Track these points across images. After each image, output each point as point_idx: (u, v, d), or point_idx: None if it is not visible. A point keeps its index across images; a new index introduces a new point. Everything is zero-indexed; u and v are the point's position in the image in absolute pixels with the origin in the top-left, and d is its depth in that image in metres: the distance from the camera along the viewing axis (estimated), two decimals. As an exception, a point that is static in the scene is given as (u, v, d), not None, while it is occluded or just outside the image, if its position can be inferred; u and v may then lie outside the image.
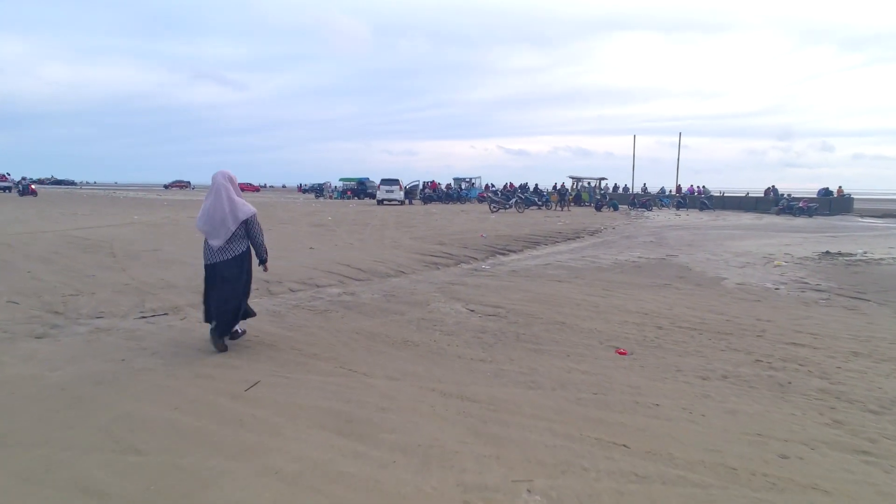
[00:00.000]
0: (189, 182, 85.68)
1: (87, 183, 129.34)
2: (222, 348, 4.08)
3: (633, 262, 9.50)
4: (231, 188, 4.15)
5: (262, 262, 4.32)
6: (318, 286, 6.76)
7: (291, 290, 6.44)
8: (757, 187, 39.72)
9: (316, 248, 10.15)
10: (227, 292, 4.07)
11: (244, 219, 4.09)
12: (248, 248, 4.25)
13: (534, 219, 20.44)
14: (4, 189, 41.93)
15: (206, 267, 4.16)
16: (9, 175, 48.07)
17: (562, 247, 12.05)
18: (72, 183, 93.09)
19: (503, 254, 10.33)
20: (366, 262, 8.47)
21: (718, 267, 8.94)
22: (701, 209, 31.39)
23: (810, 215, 27.09)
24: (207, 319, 4.19)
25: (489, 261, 9.56)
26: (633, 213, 27.66)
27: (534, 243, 12.09)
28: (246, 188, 71.05)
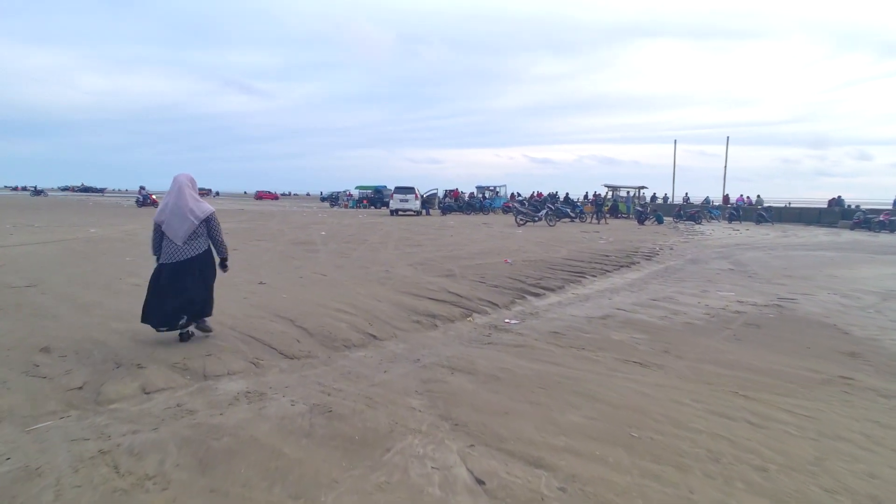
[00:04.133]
0: (210, 189, 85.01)
1: (118, 190, 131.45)
2: (187, 338, 4.33)
3: (737, 311, 6.24)
4: (193, 189, 4.35)
5: (223, 259, 4.54)
6: (206, 376, 3.73)
7: (145, 391, 3.42)
8: (791, 197, 35.90)
9: (269, 282, 7.16)
10: (195, 285, 4.22)
11: (205, 216, 4.25)
12: (210, 246, 4.38)
13: (569, 234, 17.17)
14: None
15: (168, 266, 4.17)
16: None
17: (615, 279, 8.81)
18: (99, 190, 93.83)
19: (536, 293, 7.16)
20: (322, 315, 5.42)
21: (883, 325, 5.62)
22: (758, 222, 27.54)
23: (892, 230, 23.08)
24: (151, 323, 4.18)
25: (516, 307, 6.41)
26: (681, 226, 24.06)
27: (576, 273, 8.87)
28: (265, 196, 69.62)
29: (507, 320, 5.71)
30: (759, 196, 34.91)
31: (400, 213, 27.67)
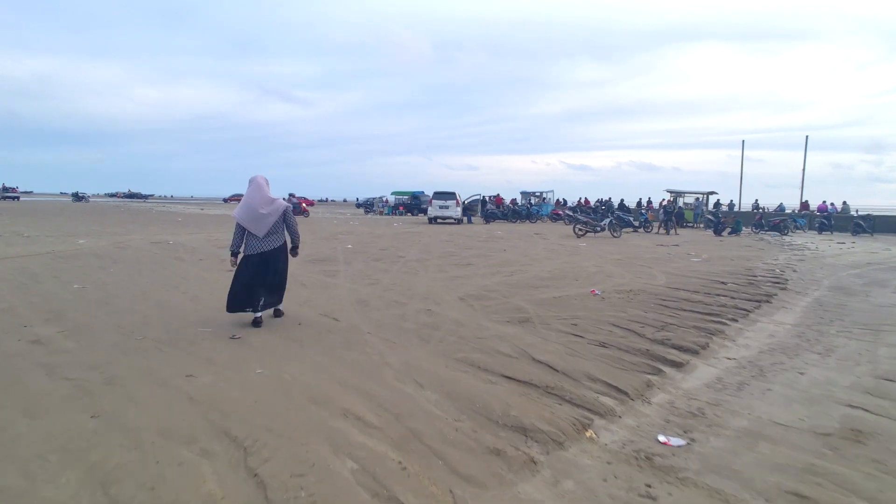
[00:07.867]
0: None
1: (164, 196, 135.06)
2: (259, 323, 4.74)
3: None
4: (268, 188, 4.85)
5: (295, 247, 5.06)
6: None
7: None
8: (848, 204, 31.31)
9: (244, 337, 4.65)
10: (275, 275, 4.81)
11: (283, 209, 4.81)
12: (285, 240, 4.96)
13: (645, 248, 14.17)
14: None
15: (251, 257, 4.70)
16: (17, 188, 58.21)
17: (766, 323, 5.91)
18: (142, 196, 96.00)
19: (671, 360, 4.38)
20: (311, 431, 2.83)
21: None
22: (854, 233, 23.64)
23: None
24: (238, 308, 4.67)
25: (656, 394, 3.67)
26: (768, 238, 20.55)
27: (706, 315, 6.02)
28: (301, 202, 68.91)
29: (660, 437, 2.98)
30: (844, 203, 30.63)
31: (439, 220, 25.16)
